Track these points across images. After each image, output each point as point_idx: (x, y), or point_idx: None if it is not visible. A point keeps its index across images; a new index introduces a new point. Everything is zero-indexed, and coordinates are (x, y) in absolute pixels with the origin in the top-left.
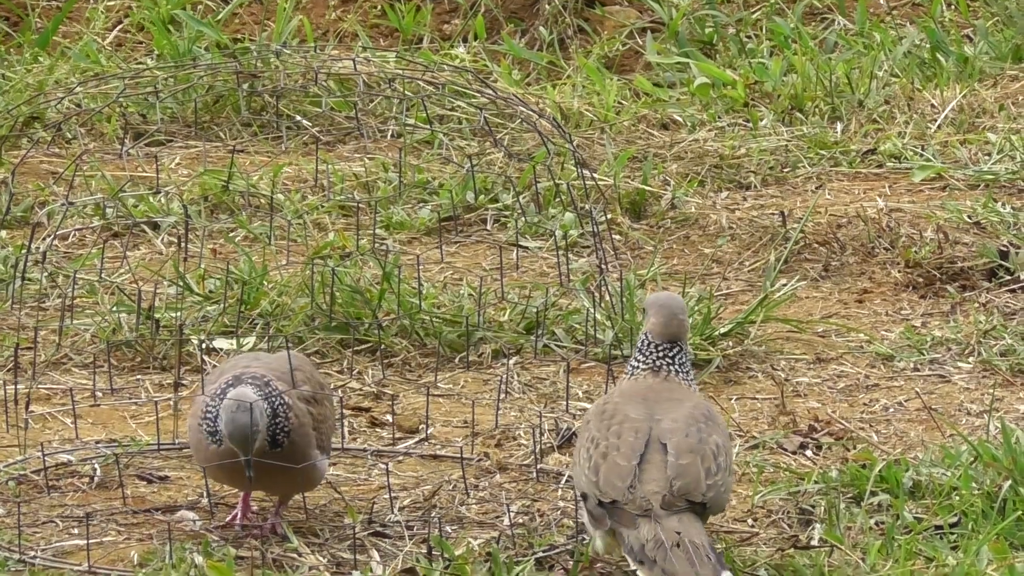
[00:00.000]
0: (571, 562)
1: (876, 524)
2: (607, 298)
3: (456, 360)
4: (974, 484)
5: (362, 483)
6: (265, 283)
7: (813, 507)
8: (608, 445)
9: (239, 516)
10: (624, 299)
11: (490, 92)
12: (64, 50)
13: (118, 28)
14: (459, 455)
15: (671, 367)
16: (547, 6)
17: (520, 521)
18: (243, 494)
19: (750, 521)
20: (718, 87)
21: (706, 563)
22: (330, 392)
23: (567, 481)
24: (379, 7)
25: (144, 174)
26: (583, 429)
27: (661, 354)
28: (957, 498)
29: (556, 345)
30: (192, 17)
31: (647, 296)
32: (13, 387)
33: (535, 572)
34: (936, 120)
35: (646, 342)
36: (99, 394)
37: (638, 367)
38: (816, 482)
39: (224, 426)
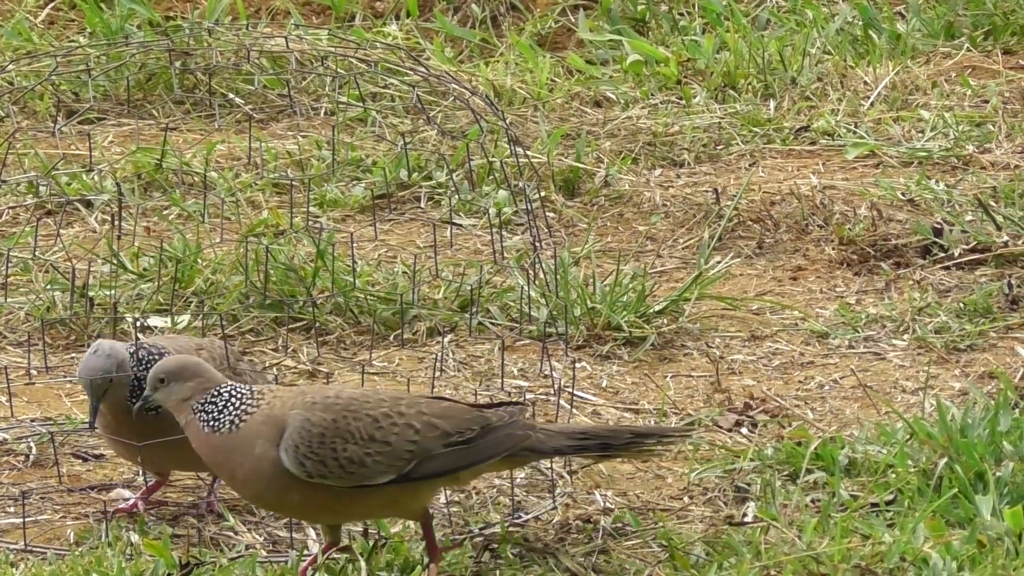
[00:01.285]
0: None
1: (812, 502)
2: (541, 275)
3: (391, 338)
4: (910, 461)
5: None
6: (199, 261)
7: (748, 485)
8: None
9: (136, 502)
10: (558, 277)
11: (423, 70)
12: None
13: (50, 6)
14: None
15: None
16: None
17: (456, 499)
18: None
19: (686, 498)
20: (651, 64)
21: None
22: (251, 376)
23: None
24: None
25: (77, 152)
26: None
27: None
28: (893, 475)
29: (491, 323)
30: None
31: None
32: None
33: (471, 550)
34: (869, 97)
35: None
36: (34, 372)
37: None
38: (751, 460)
39: (79, 370)
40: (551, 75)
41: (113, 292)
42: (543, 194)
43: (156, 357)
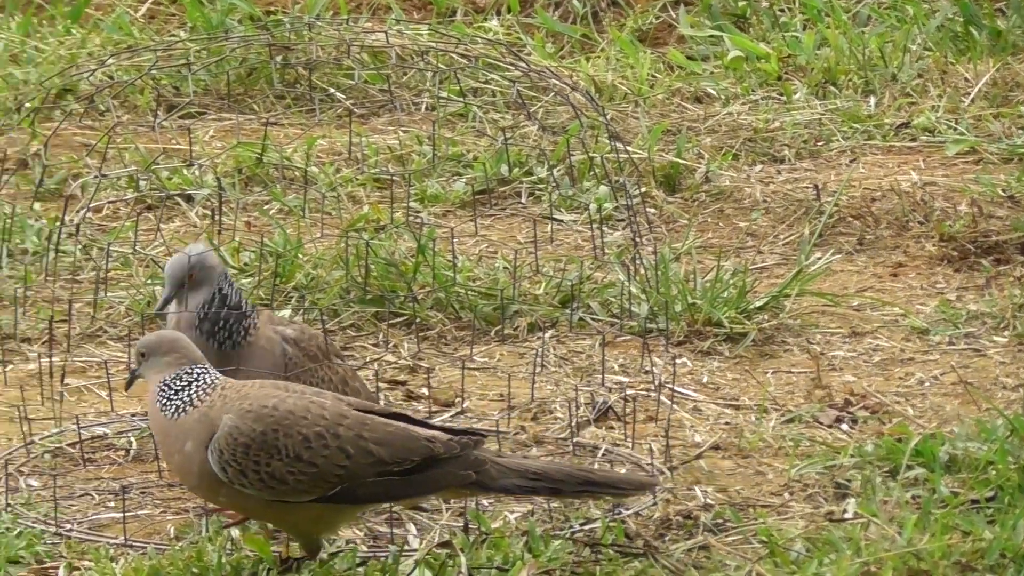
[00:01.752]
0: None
1: (912, 498)
2: (642, 271)
3: (491, 333)
4: (1010, 458)
5: None
6: (300, 256)
7: (849, 481)
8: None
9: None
10: (659, 272)
11: (523, 65)
12: (96, 22)
13: (151, 1)
14: (495, 428)
15: None
16: None
17: None
18: None
19: (786, 495)
20: (751, 60)
21: None
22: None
23: (604, 454)
24: None
25: (177, 146)
26: (270, 446)
27: None
28: (993, 472)
29: (591, 318)
30: None
31: None
32: (48, 360)
33: (571, 546)
34: (969, 94)
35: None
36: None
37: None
38: (852, 456)
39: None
40: (651, 71)
41: None
42: (644, 190)
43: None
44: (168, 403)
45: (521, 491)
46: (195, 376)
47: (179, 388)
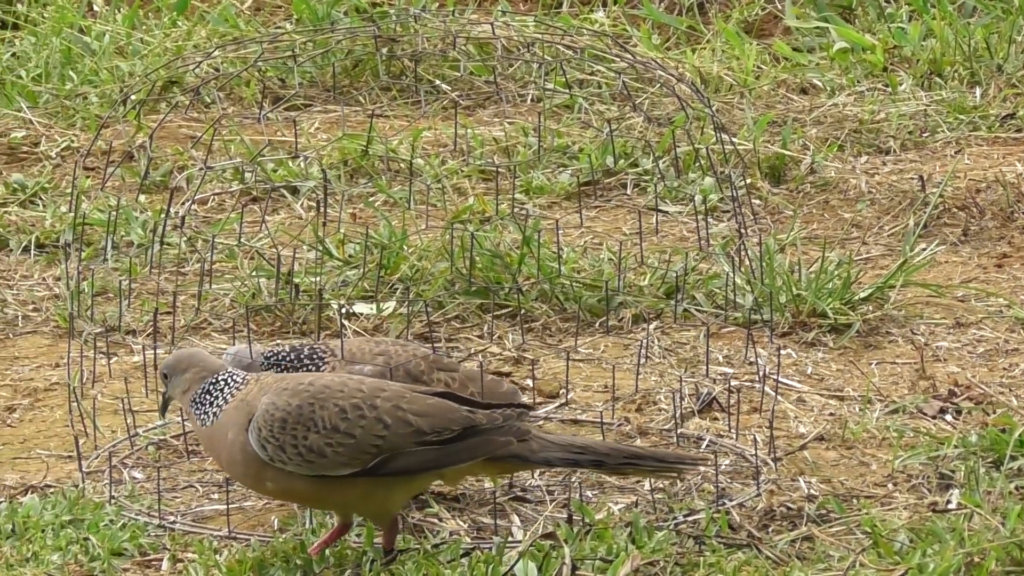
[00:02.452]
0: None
1: (1016, 489)
2: (747, 262)
3: (596, 325)
4: None
5: None
6: (405, 248)
7: (953, 472)
8: (386, 398)
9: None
10: (764, 264)
11: (629, 57)
12: (202, 14)
13: None
14: (599, 420)
15: None
16: None
17: (660, 486)
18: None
19: (890, 485)
20: (857, 52)
21: None
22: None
23: (707, 445)
24: None
25: (283, 138)
26: (307, 419)
27: None
28: None
29: (696, 309)
30: None
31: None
32: (152, 352)
33: (675, 537)
34: None
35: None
36: None
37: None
38: (956, 447)
39: None
40: (757, 62)
41: (318, 279)
42: (749, 181)
43: (321, 354)
44: (204, 414)
45: (563, 463)
46: (220, 381)
47: (214, 395)
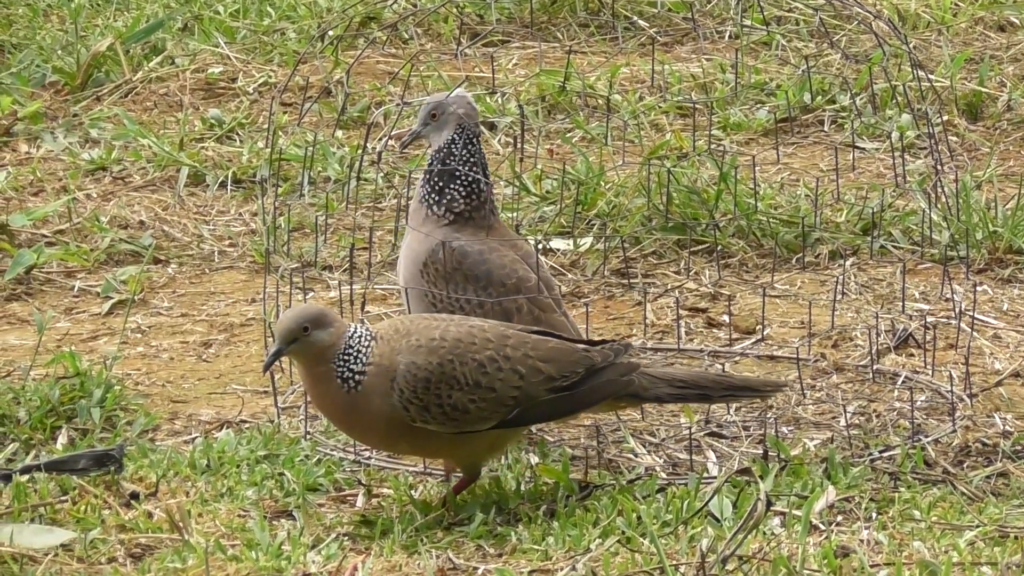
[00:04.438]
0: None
1: None
2: (943, 199)
3: (792, 261)
4: None
5: None
6: (602, 184)
7: None
8: (512, 347)
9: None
10: (960, 200)
11: None
12: None
13: None
14: (795, 356)
15: None
16: None
17: (856, 422)
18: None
19: None
20: None
21: None
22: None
23: (904, 381)
24: None
25: (480, 74)
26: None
27: None
28: None
29: (892, 246)
30: None
31: None
32: (349, 288)
33: (870, 473)
34: None
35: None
36: None
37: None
38: None
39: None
40: None
41: (515, 214)
42: (946, 118)
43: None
44: (351, 379)
45: (672, 399)
46: (358, 337)
47: (353, 356)
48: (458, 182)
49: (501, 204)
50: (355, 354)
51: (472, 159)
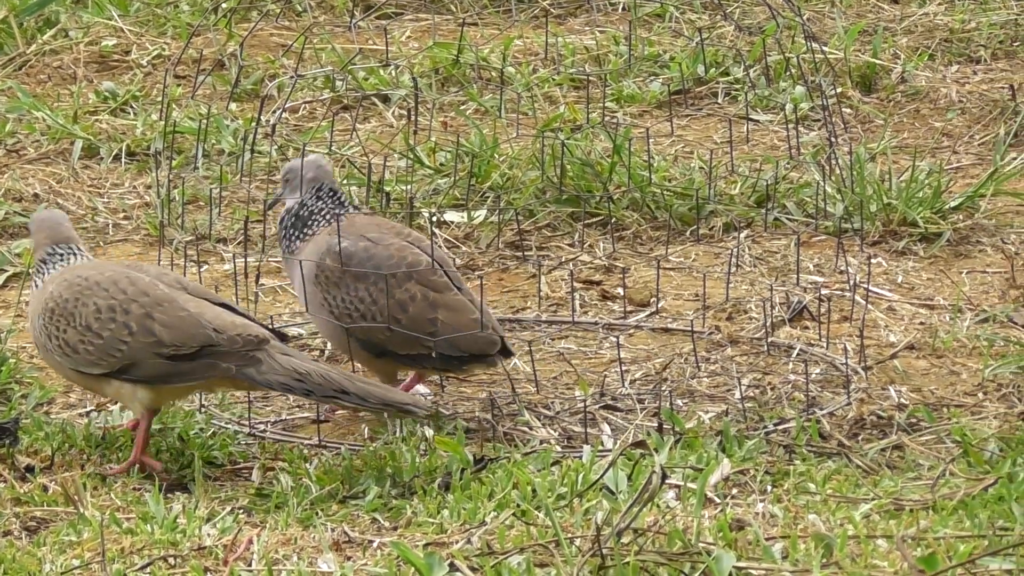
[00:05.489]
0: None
1: None
2: (837, 171)
3: (687, 233)
4: None
5: (593, 356)
6: (496, 156)
7: None
8: (143, 304)
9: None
10: (854, 172)
11: None
12: None
13: None
14: (690, 328)
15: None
16: None
17: (751, 395)
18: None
19: (980, 394)
20: None
21: None
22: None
23: (798, 354)
24: None
25: (374, 47)
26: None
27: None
28: None
29: (786, 218)
30: None
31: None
32: (243, 260)
33: (765, 446)
34: None
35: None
36: None
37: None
38: None
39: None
40: None
41: (409, 187)
42: (839, 90)
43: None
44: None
45: (280, 388)
46: (55, 259)
47: (43, 272)
48: (311, 223)
49: (395, 176)
50: (45, 270)
51: (324, 210)
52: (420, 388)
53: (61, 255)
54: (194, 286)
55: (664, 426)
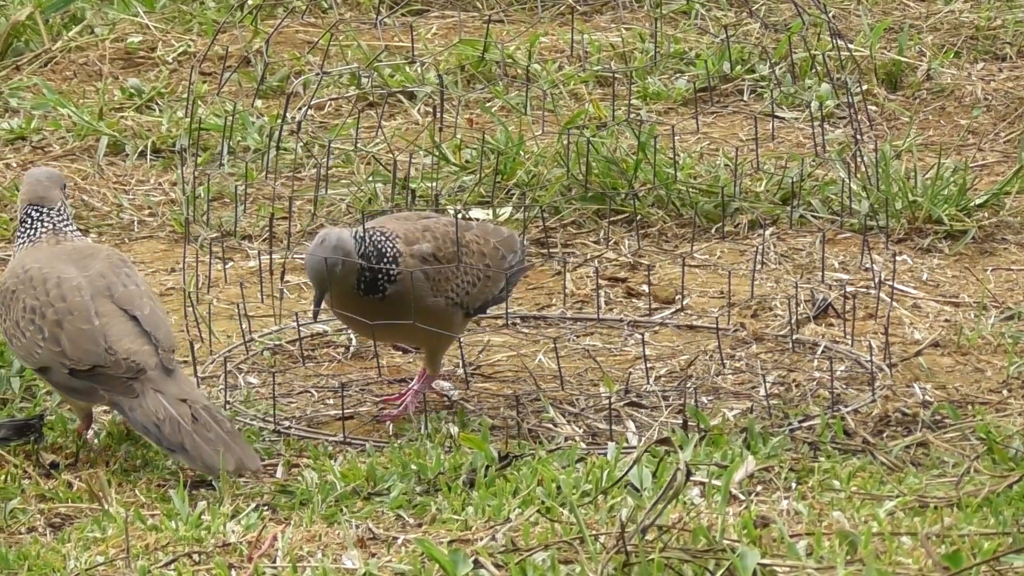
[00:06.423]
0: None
1: None
2: (863, 168)
3: (712, 230)
4: None
5: (618, 353)
6: (521, 153)
7: None
8: (58, 310)
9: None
10: (880, 170)
11: None
12: None
13: None
14: (715, 325)
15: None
16: None
17: (776, 392)
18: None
19: (1005, 392)
20: None
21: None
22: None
23: (823, 351)
24: None
25: (400, 44)
26: (9, 302)
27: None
28: None
29: (812, 215)
30: None
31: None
32: (268, 257)
33: (790, 443)
34: None
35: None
36: None
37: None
38: None
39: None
40: None
41: (435, 184)
42: (865, 87)
43: (383, 240)
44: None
45: (140, 430)
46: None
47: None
48: None
49: (421, 174)
50: (20, 234)
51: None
52: (444, 384)
53: (32, 218)
54: (122, 294)
55: (689, 423)
